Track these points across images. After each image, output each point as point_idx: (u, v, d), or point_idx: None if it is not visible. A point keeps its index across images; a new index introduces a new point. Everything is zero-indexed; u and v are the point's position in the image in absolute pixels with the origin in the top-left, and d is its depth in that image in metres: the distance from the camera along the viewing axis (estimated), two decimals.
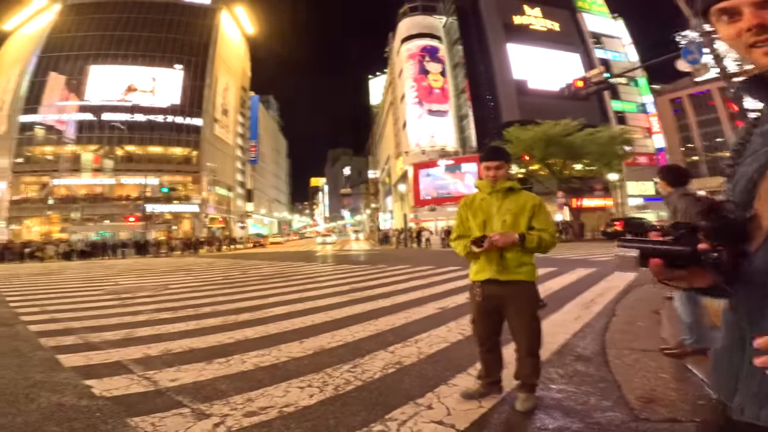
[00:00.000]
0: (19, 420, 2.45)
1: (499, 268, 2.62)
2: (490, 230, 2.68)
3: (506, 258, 2.63)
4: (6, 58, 55.77)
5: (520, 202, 2.70)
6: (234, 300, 7.37)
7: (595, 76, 13.20)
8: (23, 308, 6.92)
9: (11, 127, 47.52)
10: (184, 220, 49.65)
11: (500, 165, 2.75)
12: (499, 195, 2.74)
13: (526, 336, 2.66)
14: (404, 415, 2.56)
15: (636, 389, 2.87)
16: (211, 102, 53.90)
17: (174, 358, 3.80)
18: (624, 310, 5.37)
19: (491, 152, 2.83)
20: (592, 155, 28.38)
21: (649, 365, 3.32)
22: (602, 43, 52.57)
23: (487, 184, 2.79)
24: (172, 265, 18.42)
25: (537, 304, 2.71)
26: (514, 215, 2.67)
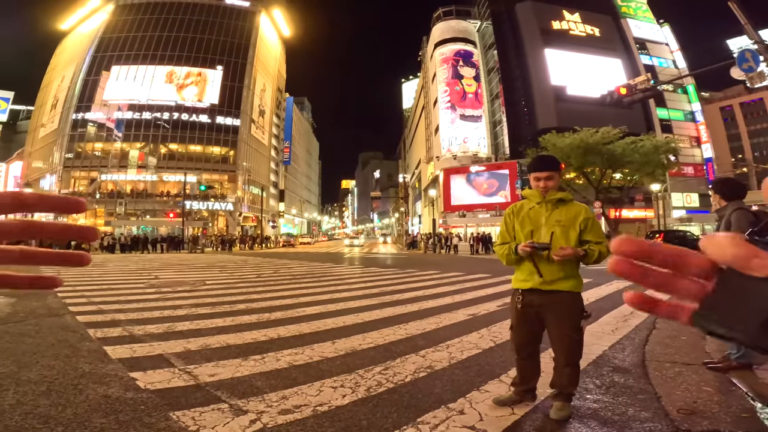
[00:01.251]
0: (68, 411, 2.57)
1: (545, 278, 2.60)
2: (537, 241, 2.65)
3: (554, 268, 2.60)
4: (63, 57, 59.52)
5: (570, 214, 2.65)
6: (267, 298, 7.56)
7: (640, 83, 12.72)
8: (71, 299, 7.26)
9: (64, 124, 50.53)
10: (219, 218, 51.29)
11: (550, 175, 2.70)
12: (548, 206, 2.69)
13: (566, 346, 2.62)
14: (436, 419, 2.57)
15: (677, 401, 2.81)
16: (249, 103, 55.44)
17: (212, 353, 3.94)
18: (666, 324, 5.19)
19: (541, 162, 2.76)
20: (634, 164, 27.26)
21: (692, 378, 3.24)
22: (647, 49, 50.71)
23: (536, 193, 2.74)
24: (208, 262, 19.07)
25: (581, 314, 2.66)
26: (564, 227, 2.62)
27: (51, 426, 2.37)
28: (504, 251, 2.78)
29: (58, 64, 60.00)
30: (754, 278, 0.27)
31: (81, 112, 50.30)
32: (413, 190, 73.58)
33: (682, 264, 0.31)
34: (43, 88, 61.20)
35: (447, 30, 53.57)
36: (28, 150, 59.69)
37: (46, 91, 59.98)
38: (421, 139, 63.44)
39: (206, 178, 49.76)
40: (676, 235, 26.39)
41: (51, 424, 2.38)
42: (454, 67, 51.04)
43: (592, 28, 49.49)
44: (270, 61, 65.06)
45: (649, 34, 52.22)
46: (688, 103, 50.05)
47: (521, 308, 2.70)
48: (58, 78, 57.53)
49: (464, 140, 49.23)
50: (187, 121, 50.92)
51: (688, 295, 0.31)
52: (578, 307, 2.65)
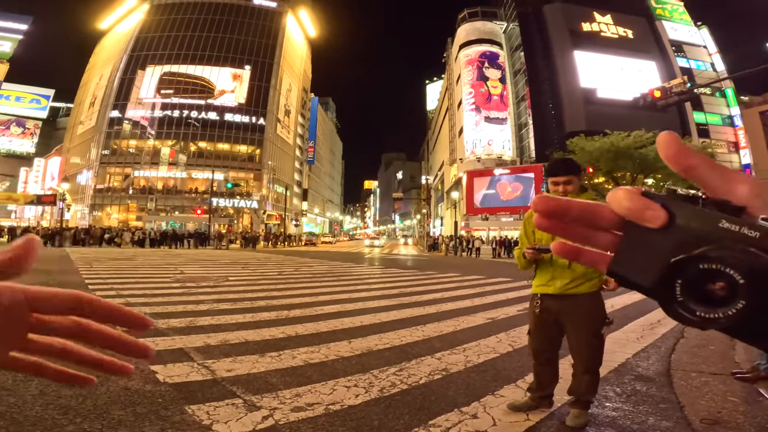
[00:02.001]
0: (88, 403, 2.64)
1: (563, 282, 2.55)
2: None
3: (571, 272, 2.55)
4: (101, 56, 62.03)
5: None
6: (287, 296, 7.66)
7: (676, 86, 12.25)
8: (101, 292, 7.53)
9: (101, 122, 52.66)
10: (244, 215, 52.35)
11: (569, 180, 2.62)
12: None
13: (585, 353, 2.56)
14: (448, 422, 2.55)
15: (700, 411, 2.73)
16: (275, 102, 56.37)
17: (231, 349, 4.02)
18: (694, 332, 5.03)
19: (559, 166, 2.68)
20: (668, 169, 26.07)
21: (718, 388, 3.15)
22: (684, 52, 48.93)
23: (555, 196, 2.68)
24: (231, 258, 19.49)
25: (602, 321, 2.59)
26: None
27: (70, 417, 2.45)
28: (517, 255, 2.79)
29: (97, 63, 62.51)
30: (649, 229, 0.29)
31: (117, 110, 52.30)
32: (436, 191, 73.23)
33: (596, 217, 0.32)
34: (82, 86, 63.87)
35: (472, 31, 53.03)
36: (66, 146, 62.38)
37: (84, 89, 62.57)
38: (445, 141, 63.08)
39: (233, 176, 50.87)
40: None
41: (70, 415, 2.47)
42: (479, 68, 50.49)
43: (625, 30, 48.08)
44: (296, 61, 65.94)
45: (686, 36, 50.43)
46: (727, 107, 48.04)
47: (539, 313, 2.66)
48: (96, 76, 59.95)
49: (489, 142, 48.65)
50: (215, 119, 52.21)
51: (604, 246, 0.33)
52: (599, 313, 2.58)
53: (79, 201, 52.87)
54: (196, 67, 54.05)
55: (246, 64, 55.09)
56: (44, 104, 71.71)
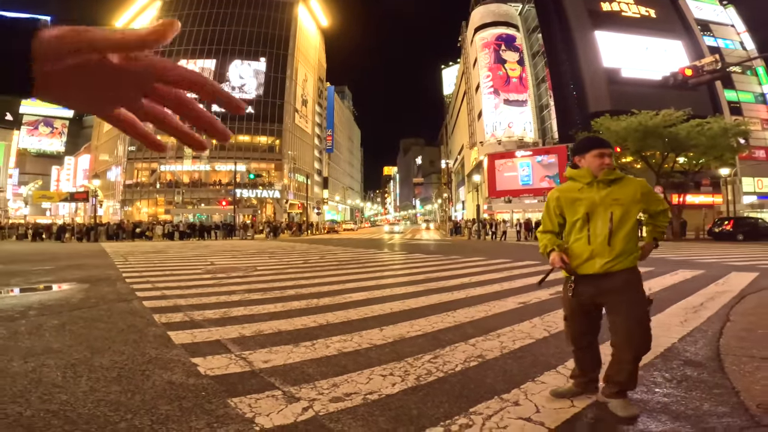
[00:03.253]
0: (137, 398, 2.70)
1: (603, 261, 2.42)
2: (594, 224, 2.47)
3: (613, 248, 2.42)
4: None
5: (628, 191, 2.47)
6: (315, 284, 7.73)
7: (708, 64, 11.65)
8: (138, 284, 7.77)
9: None
10: (267, 205, 53.19)
11: (610, 152, 2.55)
12: (601, 185, 2.50)
13: (636, 336, 2.39)
14: (489, 409, 2.51)
15: (756, 397, 2.61)
16: (292, 93, 56.61)
17: (265, 339, 4.06)
18: (740, 317, 4.85)
19: (600, 139, 2.64)
20: (700, 148, 25.16)
21: None
22: (711, 31, 46.80)
23: (586, 173, 2.53)
24: (258, 248, 19.85)
25: (644, 295, 2.46)
26: (624, 206, 2.44)
27: (121, 413, 2.50)
28: (544, 242, 2.67)
29: None
30: None
31: None
32: (456, 175, 72.45)
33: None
34: None
35: (487, 14, 51.64)
36: (94, 144, 64.42)
37: None
38: (464, 125, 62.11)
39: (254, 167, 51.58)
40: (747, 222, 24.34)
41: (121, 411, 2.52)
42: (496, 51, 49.31)
43: (647, 9, 46.01)
44: (310, 51, 65.84)
45: (711, 15, 48.25)
46: (759, 85, 45.96)
47: (573, 297, 2.52)
48: None
49: (509, 125, 47.69)
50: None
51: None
52: (641, 289, 2.46)
53: (111, 197, 54.75)
54: (213, 61, 54.58)
55: (261, 56, 55.34)
56: None
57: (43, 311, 5.37)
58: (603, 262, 2.41)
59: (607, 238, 2.41)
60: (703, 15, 47.62)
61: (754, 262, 11.08)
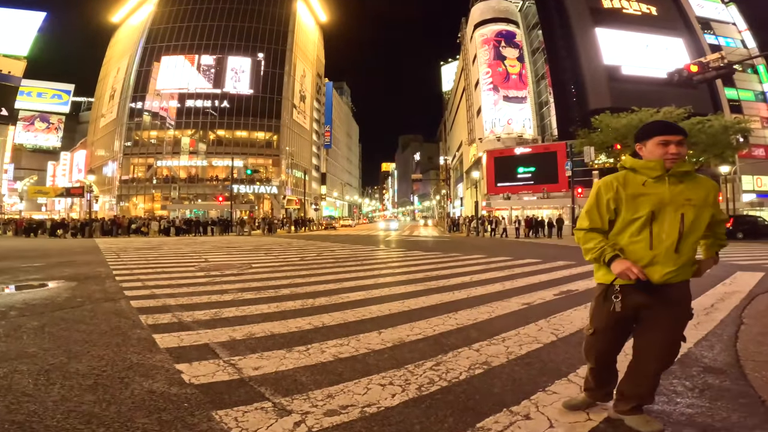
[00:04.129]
0: (112, 409, 2.48)
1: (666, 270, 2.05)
2: (660, 226, 2.06)
3: (680, 255, 2.07)
4: (116, 49, 62.86)
5: (701, 192, 2.09)
6: (311, 282, 7.50)
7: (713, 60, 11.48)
8: (127, 282, 7.50)
9: (122, 114, 53.62)
10: (264, 201, 52.91)
11: (683, 140, 2.10)
12: (673, 179, 2.09)
13: (668, 352, 2.14)
14: (498, 424, 2.30)
15: None
16: (290, 88, 56.25)
17: (257, 343, 3.83)
18: (753, 319, 4.68)
19: (670, 125, 2.15)
20: (700, 145, 25.15)
21: None
22: (713, 29, 46.78)
23: (656, 164, 2.09)
24: (254, 244, 19.59)
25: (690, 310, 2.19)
26: (695, 207, 2.06)
27: (93, 427, 2.28)
28: (591, 247, 2.17)
29: (113, 56, 63.37)
30: None
31: (136, 102, 53.11)
32: (455, 172, 72.24)
33: None
34: (101, 80, 65.04)
35: (487, 10, 51.33)
36: (90, 139, 63.98)
37: (103, 82, 63.72)
38: (463, 121, 61.88)
39: (252, 163, 51.31)
40: (747, 220, 24.29)
41: (93, 425, 2.30)
42: (495, 48, 49.08)
43: (648, 6, 45.85)
44: (308, 46, 65.45)
45: (713, 13, 48.19)
46: (759, 83, 45.98)
47: (620, 311, 2.11)
48: (113, 70, 60.94)
49: (508, 122, 47.50)
50: (232, 107, 52.52)
51: None
52: (690, 304, 2.19)
53: (107, 192, 54.36)
54: (211, 57, 54.11)
55: (259, 51, 54.96)
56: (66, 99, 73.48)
57: (24, 312, 5.12)
58: (665, 271, 2.05)
59: (675, 244, 2.05)
60: (704, 13, 47.58)
61: (758, 262, 10.94)
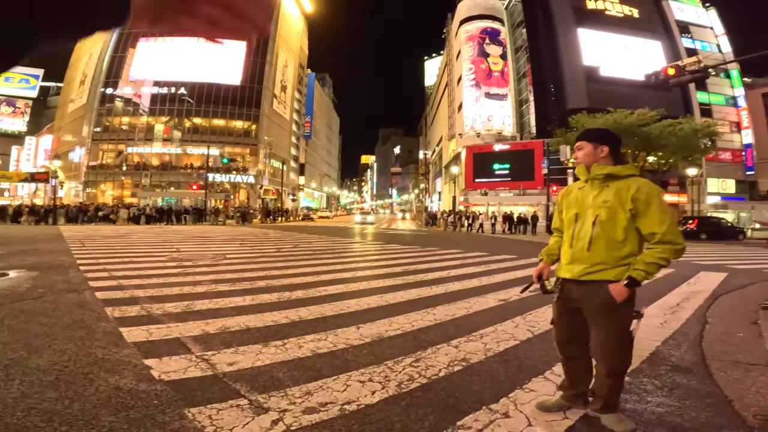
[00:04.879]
0: (75, 407, 2.35)
1: (582, 267, 2.21)
2: (580, 226, 2.25)
3: (593, 254, 2.18)
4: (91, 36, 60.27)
5: (621, 192, 2.15)
6: (287, 275, 7.37)
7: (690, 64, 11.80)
8: (92, 273, 7.14)
9: (93, 99, 51.52)
10: (240, 190, 51.88)
11: (580, 146, 2.30)
12: (596, 183, 2.25)
13: (608, 352, 2.19)
14: (478, 423, 2.29)
15: (751, 406, 2.51)
16: (271, 78, 55.17)
17: (231, 338, 3.71)
18: (717, 319, 4.88)
19: (584, 132, 2.39)
20: (670, 148, 26.04)
21: (761, 380, 2.94)
22: (690, 33, 48.14)
23: (579, 170, 2.33)
24: (229, 235, 19.17)
25: (629, 314, 2.16)
26: (610, 209, 2.15)
27: (55, 425, 2.15)
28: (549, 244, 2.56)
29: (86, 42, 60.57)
30: None
31: (109, 88, 51.13)
32: (434, 166, 72.66)
33: None
34: (72, 65, 62.52)
35: (473, 7, 51.44)
36: (57, 124, 61.46)
37: (74, 68, 61.27)
38: (444, 116, 62.18)
39: (228, 152, 50.13)
40: (711, 222, 25.36)
41: (55, 423, 2.17)
42: (480, 44, 49.34)
43: (630, 9, 46.87)
44: (292, 37, 64.30)
45: (692, 17, 49.54)
46: (731, 88, 47.72)
47: (559, 300, 2.33)
48: (85, 55, 58.60)
49: (488, 118, 47.97)
50: (210, 95, 51.13)
51: None
52: (625, 305, 2.14)
53: (73, 178, 52.23)
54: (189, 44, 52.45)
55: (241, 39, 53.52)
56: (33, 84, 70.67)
57: None
58: (580, 269, 2.21)
59: (588, 243, 2.18)
60: (684, 16, 48.84)
61: (721, 262, 11.42)
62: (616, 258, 2.13)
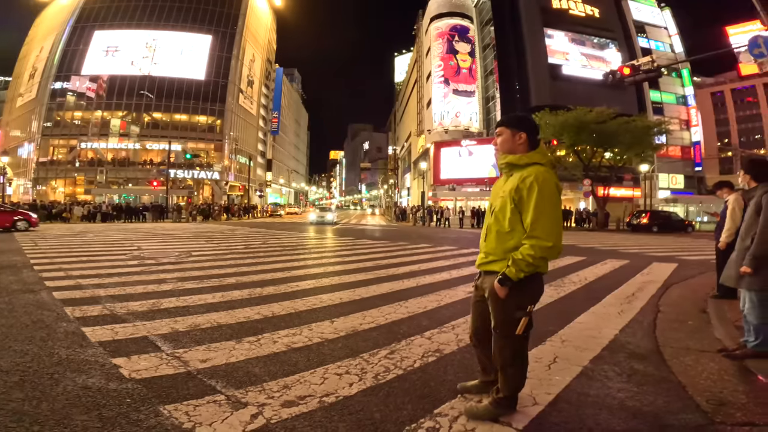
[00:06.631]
0: (44, 406, 2.28)
1: (480, 257, 2.24)
2: (487, 217, 2.25)
3: (486, 244, 2.18)
4: (41, 28, 56.87)
5: (515, 181, 2.07)
6: (258, 271, 7.25)
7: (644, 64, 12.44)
8: (47, 272, 6.79)
9: (43, 93, 48.48)
10: (204, 187, 50.31)
11: (499, 131, 2.21)
12: (505, 172, 2.21)
13: (494, 342, 2.19)
14: (454, 410, 2.35)
15: (704, 392, 2.66)
16: (238, 73, 53.70)
17: (203, 335, 3.63)
18: (668, 307, 5.11)
19: (502, 117, 2.30)
20: (624, 144, 27.35)
21: (711, 366, 3.10)
22: (646, 32, 50.47)
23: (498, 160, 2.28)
24: (193, 232, 18.58)
25: (511, 308, 2.07)
26: (503, 200, 2.10)
27: (26, 425, 2.06)
28: None
29: (37, 36, 57.36)
30: None
31: (60, 82, 48.24)
32: (403, 162, 73.07)
33: None
34: (21, 59, 58.80)
35: (444, 4, 52.03)
36: (5, 119, 57.67)
37: (24, 62, 57.62)
38: (413, 112, 62.57)
39: (191, 147, 48.40)
40: (661, 215, 26.84)
41: (26, 423, 2.08)
42: (449, 41, 49.95)
43: (592, 8, 48.71)
44: (260, 31, 62.77)
45: (648, 17, 51.90)
46: (681, 87, 50.38)
47: (475, 287, 2.36)
48: (36, 49, 55.19)
49: (456, 114, 48.70)
50: (172, 90, 49.15)
51: None
52: (508, 299, 2.06)
53: (21, 175, 49.07)
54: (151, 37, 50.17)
55: (206, 33, 51.76)
56: None
57: None
58: (480, 258, 2.25)
59: (485, 233, 2.21)
60: (641, 16, 51.09)
61: (671, 253, 12.12)
62: (504, 250, 2.08)
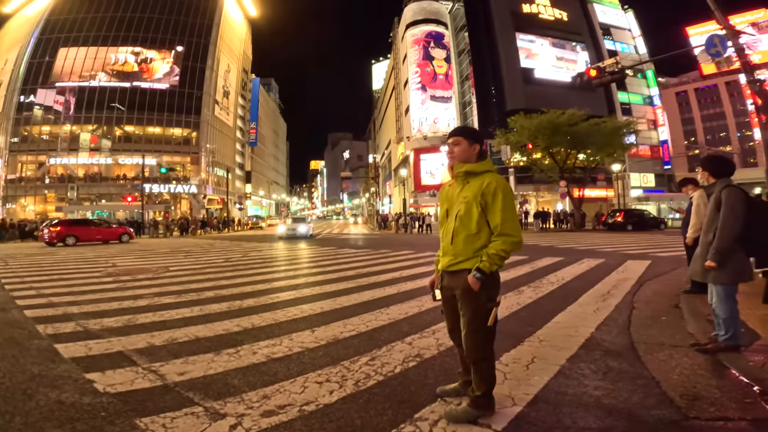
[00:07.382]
0: (17, 420, 2.26)
1: (447, 260, 2.34)
2: (449, 221, 2.38)
3: (455, 247, 2.31)
4: (5, 41, 54.92)
5: (476, 187, 2.27)
6: (237, 284, 7.16)
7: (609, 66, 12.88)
8: (18, 291, 6.63)
9: (8, 108, 46.85)
10: (182, 201, 49.28)
11: (455, 141, 2.38)
12: (459, 179, 2.38)
13: (467, 336, 2.28)
14: (434, 414, 2.37)
15: (677, 387, 2.71)
16: (213, 84, 53.03)
17: (180, 348, 3.58)
18: (643, 304, 5.22)
19: (457, 128, 2.50)
20: (596, 145, 28.13)
21: (684, 362, 3.16)
22: (611, 35, 52.26)
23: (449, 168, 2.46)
24: (171, 246, 18.18)
25: (484, 300, 2.23)
26: (467, 204, 2.27)
27: None
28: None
29: (1, 48, 55.32)
30: None
31: (26, 95, 46.81)
32: (383, 170, 73.28)
33: None
34: None
35: (419, 11, 52.77)
36: None
37: None
38: (392, 120, 62.96)
39: (167, 161, 47.45)
40: (635, 214, 27.58)
41: None
42: (425, 48, 50.61)
43: (560, 12, 50.15)
44: (235, 41, 62.27)
45: (613, 19, 53.69)
46: (647, 88, 52.10)
47: (442, 290, 2.44)
48: (0, 62, 53.17)
49: (434, 121, 49.23)
50: (144, 102, 48.14)
51: None
52: (482, 291, 2.22)
53: None
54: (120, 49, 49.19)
55: (178, 44, 51.04)
56: None
57: None
58: (446, 261, 2.35)
59: (451, 237, 2.32)
60: (606, 19, 52.87)
61: (645, 251, 12.46)
62: (473, 250, 2.25)
